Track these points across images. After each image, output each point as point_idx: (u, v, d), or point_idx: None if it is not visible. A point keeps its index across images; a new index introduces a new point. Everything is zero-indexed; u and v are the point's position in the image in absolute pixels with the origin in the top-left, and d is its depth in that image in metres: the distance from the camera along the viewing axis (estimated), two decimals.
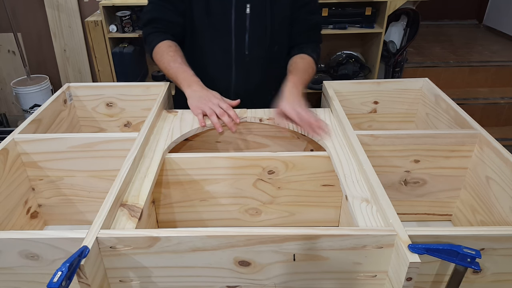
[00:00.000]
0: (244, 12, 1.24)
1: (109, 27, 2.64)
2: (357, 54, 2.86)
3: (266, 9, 1.25)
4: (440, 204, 1.16)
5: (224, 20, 1.25)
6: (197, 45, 1.31)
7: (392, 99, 1.38)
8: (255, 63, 1.31)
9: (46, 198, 1.13)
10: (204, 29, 1.27)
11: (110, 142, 1.05)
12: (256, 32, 1.27)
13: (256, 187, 1.06)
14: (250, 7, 1.24)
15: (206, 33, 1.28)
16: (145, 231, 0.72)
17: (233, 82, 1.33)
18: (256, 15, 1.25)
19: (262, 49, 1.30)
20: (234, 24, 1.25)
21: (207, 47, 1.30)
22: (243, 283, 0.77)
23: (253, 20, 1.25)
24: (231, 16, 1.24)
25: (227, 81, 1.33)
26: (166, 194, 1.06)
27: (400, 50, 2.78)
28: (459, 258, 0.67)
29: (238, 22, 1.25)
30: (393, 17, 2.75)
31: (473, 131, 1.06)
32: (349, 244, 0.72)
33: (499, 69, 3.29)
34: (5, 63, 3.25)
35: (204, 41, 1.29)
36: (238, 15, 1.24)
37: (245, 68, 1.32)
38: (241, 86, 1.34)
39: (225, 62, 1.31)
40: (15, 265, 0.75)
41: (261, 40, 1.28)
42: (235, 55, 1.29)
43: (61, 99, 1.28)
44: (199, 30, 1.28)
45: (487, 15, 4.17)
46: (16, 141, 1.04)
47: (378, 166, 1.05)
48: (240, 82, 1.33)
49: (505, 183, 0.93)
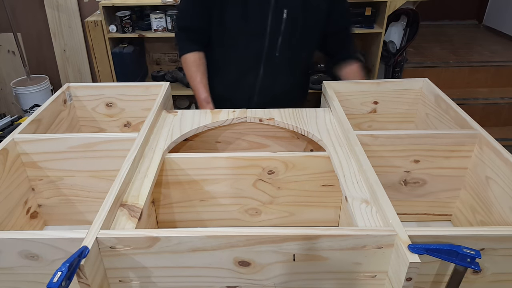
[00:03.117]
0: (281, 16, 1.28)
1: (109, 27, 2.64)
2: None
3: (300, 14, 1.29)
4: (440, 204, 1.16)
5: (261, 23, 1.29)
6: (228, 43, 1.35)
7: (392, 99, 1.38)
8: (283, 65, 1.36)
9: (46, 198, 1.13)
10: (238, 31, 1.31)
11: (110, 142, 1.05)
12: (288, 36, 1.31)
13: (256, 187, 1.06)
14: (287, 12, 1.27)
15: (239, 35, 1.32)
16: (145, 231, 0.72)
17: (260, 81, 1.38)
18: (291, 20, 1.29)
19: (291, 52, 1.35)
20: (270, 27, 1.29)
21: (238, 47, 1.34)
22: (243, 283, 0.77)
23: (287, 24, 1.29)
24: (267, 20, 1.28)
25: (253, 79, 1.38)
26: (166, 194, 1.06)
27: (400, 50, 2.78)
28: (459, 258, 0.67)
29: (274, 26, 1.29)
30: (393, 17, 2.75)
31: (473, 131, 1.06)
32: (349, 244, 0.72)
33: (499, 69, 3.29)
34: (5, 63, 3.25)
35: (236, 41, 1.34)
36: (274, 19, 1.28)
37: (273, 69, 1.36)
38: (267, 85, 1.39)
39: (254, 61, 1.35)
40: (15, 265, 0.74)
41: (292, 43, 1.33)
42: (266, 55, 1.34)
43: (61, 99, 1.28)
44: (232, 31, 1.32)
45: (487, 15, 4.17)
46: (16, 141, 1.04)
47: (378, 166, 1.05)
48: (266, 82, 1.38)
49: (505, 183, 0.93)
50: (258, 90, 1.39)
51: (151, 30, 2.68)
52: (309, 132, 1.12)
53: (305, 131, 1.13)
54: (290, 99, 1.40)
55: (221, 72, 1.39)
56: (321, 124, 1.16)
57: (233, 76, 1.39)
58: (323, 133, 1.11)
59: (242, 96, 1.39)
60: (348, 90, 1.36)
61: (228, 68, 1.39)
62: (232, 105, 1.25)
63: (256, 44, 1.32)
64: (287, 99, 1.36)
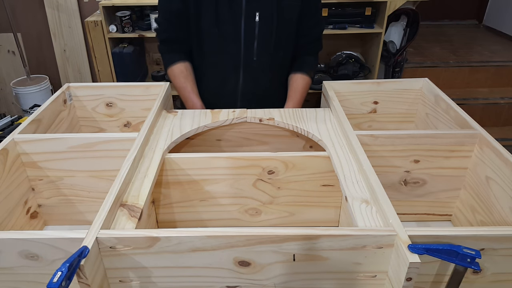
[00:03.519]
0: (253, 20, 1.26)
1: (109, 27, 2.64)
2: (357, 54, 2.86)
3: (273, 16, 1.27)
4: (440, 204, 1.16)
5: (234, 28, 1.28)
6: (206, 50, 1.34)
7: (392, 99, 1.38)
8: (262, 67, 1.34)
9: (46, 198, 1.13)
10: (213, 37, 1.30)
11: (110, 142, 1.05)
12: (264, 39, 1.30)
13: (256, 187, 1.06)
14: (259, 15, 1.26)
15: (214, 41, 1.31)
16: (145, 231, 0.72)
17: (241, 85, 1.36)
18: (264, 22, 1.27)
19: (269, 55, 1.33)
20: (244, 32, 1.28)
21: (215, 52, 1.33)
22: (243, 283, 0.77)
23: (261, 28, 1.28)
24: (240, 25, 1.27)
25: (234, 84, 1.36)
26: (166, 194, 1.06)
27: (400, 50, 2.78)
28: (459, 258, 0.67)
29: (248, 30, 1.28)
30: (393, 17, 2.75)
31: (473, 131, 1.06)
32: (349, 244, 0.72)
33: (499, 69, 3.29)
34: (5, 63, 3.25)
35: (213, 47, 1.32)
36: (247, 23, 1.27)
37: (252, 72, 1.35)
38: (248, 89, 1.37)
39: (233, 67, 1.34)
40: (15, 265, 0.75)
41: (268, 46, 1.31)
42: (243, 61, 1.32)
43: (61, 99, 1.28)
44: (208, 38, 1.31)
45: (487, 15, 4.17)
46: (16, 141, 1.04)
47: (378, 166, 1.05)
48: (247, 85, 1.36)
49: (505, 183, 0.93)
50: (241, 95, 1.38)
51: (151, 30, 2.68)
52: (309, 132, 1.12)
53: (305, 131, 1.13)
54: (274, 99, 1.38)
55: (204, 79, 1.37)
56: (321, 124, 1.16)
57: (215, 82, 1.37)
58: (323, 133, 1.11)
59: (226, 101, 1.36)
60: (348, 90, 1.36)
61: (209, 75, 1.37)
62: None
63: (233, 50, 1.30)
64: (272, 100, 1.35)
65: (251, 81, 1.35)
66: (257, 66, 1.33)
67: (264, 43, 1.30)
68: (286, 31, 1.31)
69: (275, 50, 1.32)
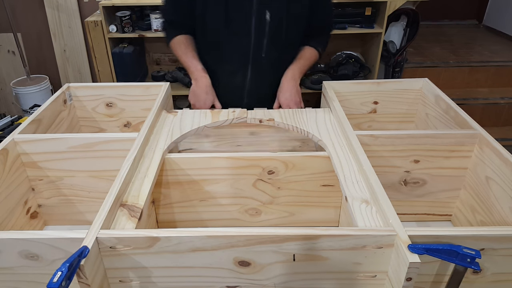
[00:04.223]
0: (264, 18, 1.27)
1: (109, 27, 2.64)
2: (357, 54, 2.86)
3: (283, 14, 1.28)
4: (440, 204, 1.16)
5: (244, 26, 1.28)
6: (214, 44, 1.35)
7: (392, 99, 1.38)
8: (271, 63, 1.35)
9: (46, 198, 1.13)
10: (222, 33, 1.30)
11: (110, 142, 1.05)
12: (273, 36, 1.30)
13: (256, 187, 1.06)
14: (270, 14, 1.26)
15: (223, 38, 1.31)
16: (145, 231, 0.72)
17: (248, 80, 1.37)
18: (274, 21, 1.28)
19: (278, 53, 1.34)
20: (254, 30, 1.28)
21: (224, 48, 1.34)
22: (243, 283, 0.77)
23: (271, 26, 1.28)
24: (251, 23, 1.27)
25: (242, 78, 1.37)
26: (166, 194, 1.06)
27: (400, 50, 2.78)
28: (459, 258, 0.67)
29: (258, 28, 1.28)
30: (393, 17, 2.75)
31: (473, 131, 1.06)
32: (349, 244, 0.72)
33: (499, 69, 3.29)
34: (5, 63, 3.25)
35: (221, 44, 1.33)
36: (258, 21, 1.27)
37: (260, 68, 1.36)
38: (256, 83, 1.38)
39: (242, 62, 1.35)
40: (15, 265, 0.75)
41: (277, 43, 1.32)
42: (252, 57, 1.33)
43: (61, 99, 1.28)
44: (215, 34, 1.32)
45: (487, 15, 4.17)
46: (16, 141, 1.04)
47: (378, 166, 1.05)
48: (254, 80, 1.38)
49: (505, 183, 0.93)
50: (247, 91, 1.39)
51: (151, 30, 2.68)
52: (309, 133, 1.12)
53: (305, 132, 1.13)
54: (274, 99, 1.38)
55: (212, 74, 1.37)
56: (321, 124, 1.16)
57: (223, 77, 1.38)
58: (323, 133, 1.11)
59: (233, 97, 1.37)
60: (348, 90, 1.36)
61: (217, 69, 1.37)
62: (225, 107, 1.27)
63: (242, 46, 1.31)
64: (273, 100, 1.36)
65: (258, 76, 1.37)
66: (266, 62, 1.34)
67: (274, 40, 1.31)
68: (296, 29, 1.33)
69: (284, 48, 1.34)
